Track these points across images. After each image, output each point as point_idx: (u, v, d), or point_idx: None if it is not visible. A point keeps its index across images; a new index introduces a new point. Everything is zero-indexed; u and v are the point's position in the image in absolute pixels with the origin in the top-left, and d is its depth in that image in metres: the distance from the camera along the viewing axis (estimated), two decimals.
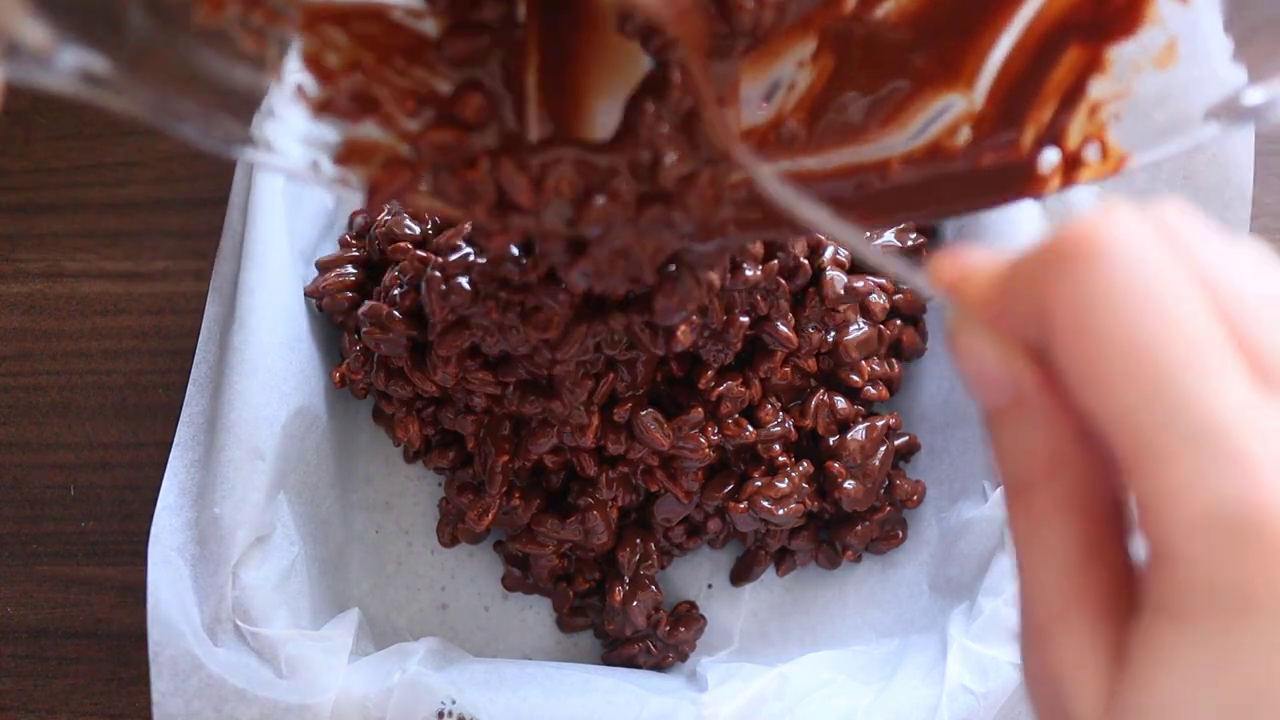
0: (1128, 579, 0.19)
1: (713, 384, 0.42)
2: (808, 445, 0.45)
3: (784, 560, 0.45)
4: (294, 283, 0.43)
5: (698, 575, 0.46)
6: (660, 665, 0.44)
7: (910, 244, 0.46)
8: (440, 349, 0.39)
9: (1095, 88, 0.29)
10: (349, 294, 0.43)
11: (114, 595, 0.45)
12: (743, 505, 0.42)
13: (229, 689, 0.36)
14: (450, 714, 0.37)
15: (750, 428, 0.42)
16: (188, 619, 0.36)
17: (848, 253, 0.45)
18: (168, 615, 0.36)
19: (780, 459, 0.43)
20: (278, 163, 0.27)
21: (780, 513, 0.42)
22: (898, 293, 0.46)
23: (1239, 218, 0.44)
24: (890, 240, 0.46)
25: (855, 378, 0.44)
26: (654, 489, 0.43)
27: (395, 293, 0.41)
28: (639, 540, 0.44)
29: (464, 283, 0.38)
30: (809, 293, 0.43)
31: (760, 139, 0.31)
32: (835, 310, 0.44)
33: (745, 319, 0.41)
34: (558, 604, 0.45)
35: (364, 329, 0.41)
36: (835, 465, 0.43)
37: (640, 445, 0.41)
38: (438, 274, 0.38)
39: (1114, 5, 0.28)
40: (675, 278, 0.34)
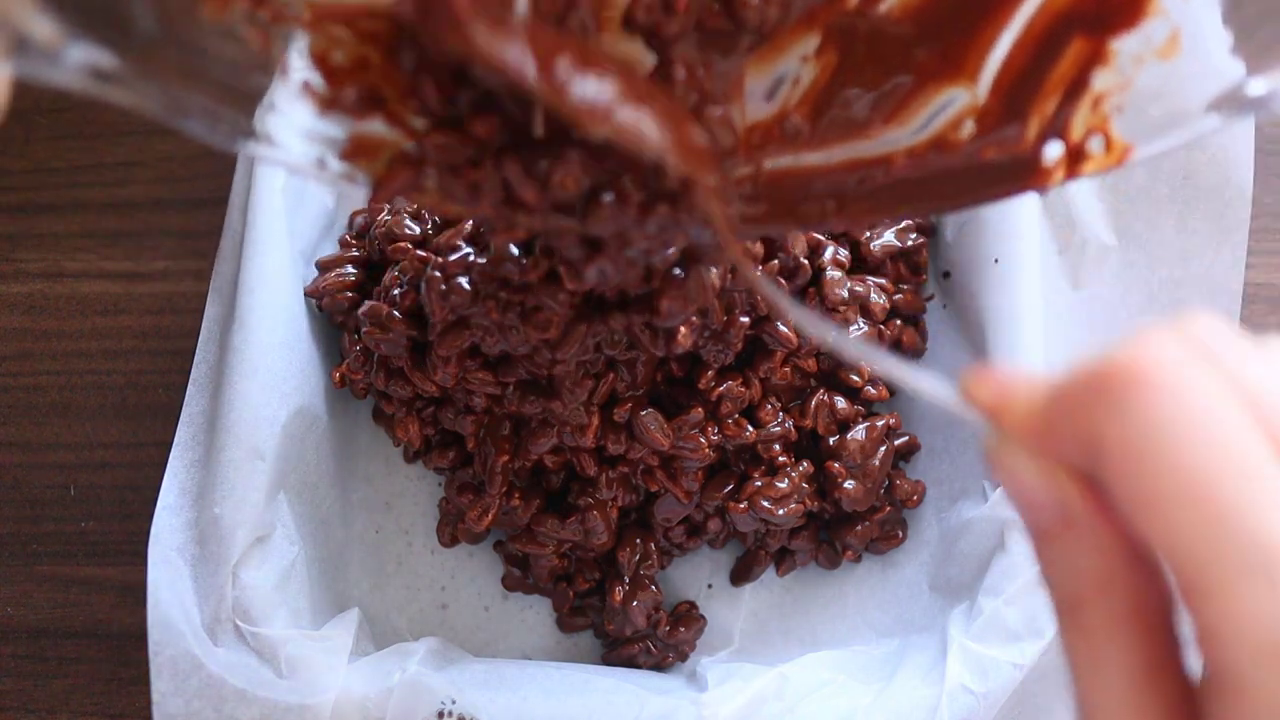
0: (1187, 695, 0.19)
1: (713, 384, 0.42)
2: (808, 445, 0.45)
3: (784, 560, 0.45)
4: (294, 283, 0.42)
5: (698, 575, 0.46)
6: (660, 665, 0.44)
7: (910, 244, 0.46)
8: (440, 349, 0.39)
9: (1098, 80, 0.29)
10: (349, 294, 0.43)
11: (114, 595, 0.45)
12: (743, 505, 0.42)
13: (229, 689, 0.36)
14: (450, 714, 0.37)
15: (750, 428, 0.42)
16: (188, 619, 0.36)
17: (847, 254, 0.45)
18: (168, 615, 0.36)
19: (780, 459, 0.43)
20: (281, 157, 0.27)
21: (780, 513, 0.42)
22: (897, 293, 0.46)
23: (1239, 218, 0.44)
24: (890, 240, 0.46)
25: (855, 378, 0.44)
26: (654, 489, 0.43)
27: (395, 293, 0.41)
28: (639, 540, 0.44)
29: (464, 283, 0.38)
30: (809, 293, 0.43)
31: (765, 134, 0.31)
32: (835, 310, 0.44)
33: (745, 319, 0.41)
34: (558, 604, 0.45)
35: (364, 329, 0.41)
36: (835, 465, 0.43)
37: (640, 445, 0.41)
38: (438, 274, 0.38)
39: None
40: (682, 278, 0.34)
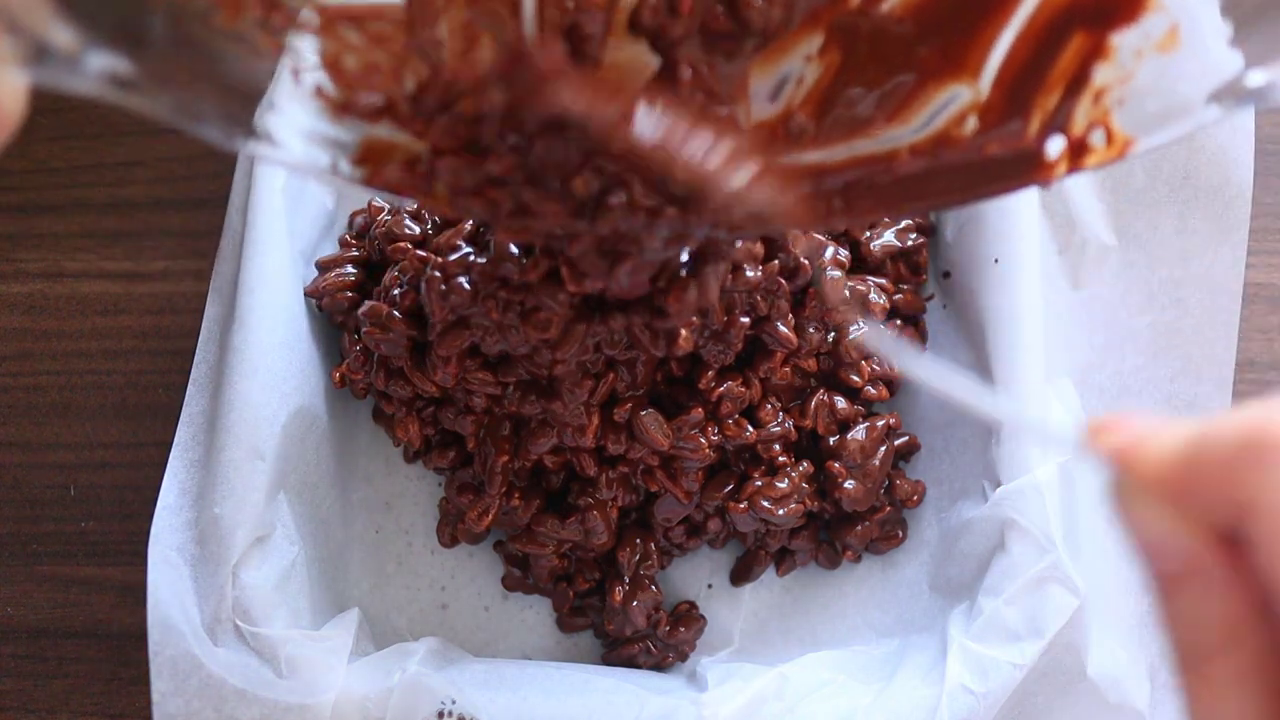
0: None
1: (713, 384, 0.42)
2: (808, 445, 0.45)
3: (784, 560, 0.45)
4: (294, 283, 0.42)
5: (698, 575, 0.46)
6: (660, 665, 0.44)
7: (910, 244, 0.46)
8: (440, 349, 0.39)
9: (1099, 74, 0.29)
10: (349, 294, 0.43)
11: (114, 595, 0.45)
12: (743, 505, 0.42)
13: (229, 689, 0.36)
14: (450, 714, 0.37)
15: (750, 428, 0.42)
16: (188, 619, 0.36)
17: (847, 254, 0.44)
18: (168, 615, 0.36)
19: (780, 459, 0.43)
20: (282, 157, 0.27)
21: (780, 513, 0.42)
22: (897, 293, 0.46)
23: (1239, 218, 0.44)
24: (890, 240, 0.46)
25: (855, 378, 0.44)
26: (654, 489, 0.43)
27: (395, 293, 0.41)
28: (639, 540, 0.44)
29: (464, 283, 0.38)
30: (809, 293, 0.43)
31: (770, 133, 0.31)
32: (835, 310, 0.44)
33: (746, 319, 0.41)
34: (558, 604, 0.45)
35: (364, 329, 0.41)
36: (835, 465, 0.43)
37: (640, 445, 0.41)
38: (438, 274, 0.38)
39: None
40: (691, 278, 0.34)
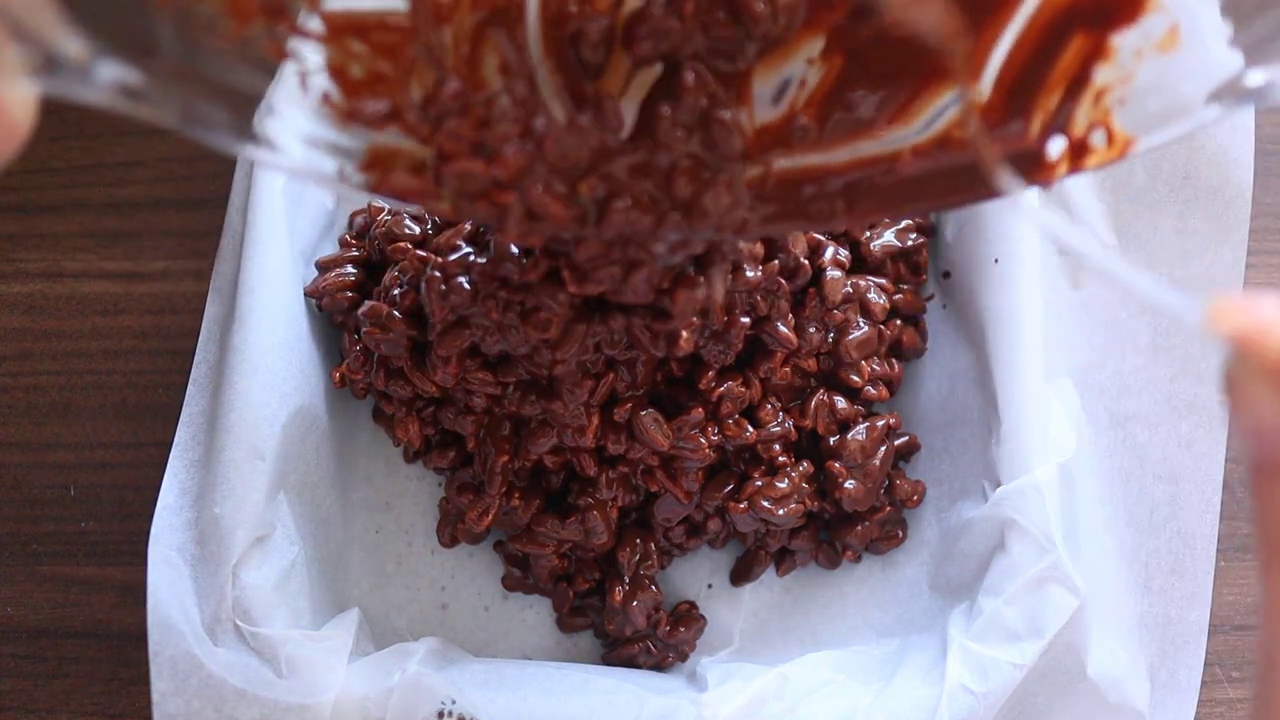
0: None
1: (713, 384, 0.42)
2: (808, 445, 0.45)
3: (784, 560, 0.45)
4: (294, 283, 0.43)
5: (698, 575, 0.46)
6: (660, 665, 0.44)
7: (910, 244, 0.46)
8: (440, 349, 0.39)
9: (1100, 74, 0.29)
10: (349, 294, 0.43)
11: (114, 595, 0.45)
12: (743, 505, 0.42)
13: (229, 689, 0.36)
14: (450, 714, 0.37)
15: (750, 428, 0.42)
16: (188, 619, 0.36)
17: (847, 254, 0.45)
18: (168, 615, 0.36)
19: (780, 459, 0.43)
20: (281, 162, 0.27)
21: (780, 513, 0.42)
22: (897, 293, 0.46)
23: (1239, 218, 0.44)
24: (890, 240, 0.46)
25: (855, 378, 0.44)
26: (654, 489, 0.43)
27: (395, 293, 0.41)
28: (639, 540, 0.44)
29: (464, 283, 0.38)
30: (809, 293, 0.43)
31: (773, 136, 0.31)
32: (836, 310, 0.44)
33: (746, 319, 0.41)
34: (558, 604, 0.45)
35: (364, 329, 0.41)
36: (835, 465, 0.43)
37: (640, 445, 0.41)
38: (438, 274, 0.38)
39: None
40: (698, 276, 0.35)
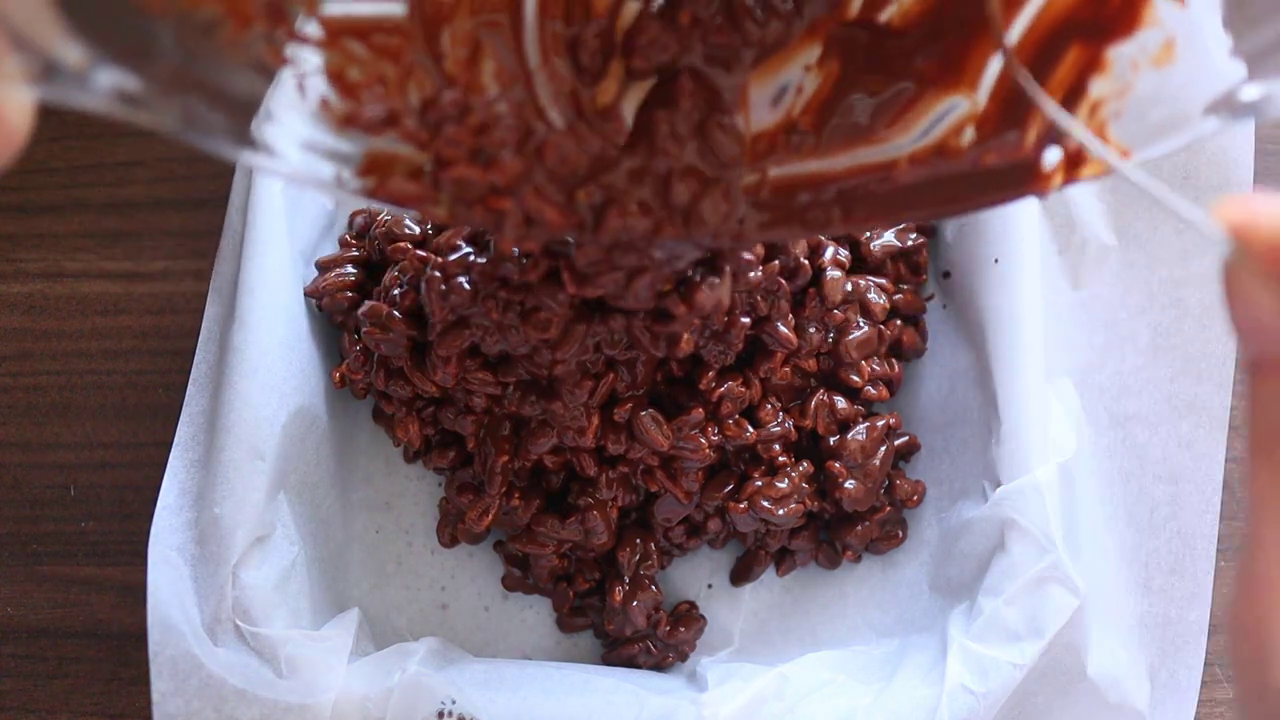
0: None
1: (713, 384, 0.42)
2: (808, 445, 0.45)
3: (784, 560, 0.45)
4: (294, 283, 0.43)
5: (698, 575, 0.46)
6: (660, 665, 0.44)
7: (910, 244, 0.46)
8: (440, 349, 0.39)
9: (1095, 87, 0.29)
10: (349, 294, 0.43)
11: (114, 595, 0.45)
12: (743, 505, 0.42)
13: (229, 689, 0.36)
14: (450, 714, 0.37)
15: (750, 428, 0.42)
16: (188, 619, 0.36)
17: (847, 254, 0.45)
18: (168, 615, 0.36)
19: (780, 459, 0.43)
20: (280, 168, 0.27)
21: (780, 513, 0.42)
22: (897, 293, 0.46)
23: None
24: (890, 240, 0.46)
25: (855, 378, 0.44)
26: (654, 489, 0.43)
27: (395, 293, 0.41)
28: (639, 540, 0.44)
29: (464, 283, 0.38)
30: (809, 293, 0.43)
31: (770, 142, 0.31)
32: (836, 310, 0.44)
33: (746, 320, 0.41)
34: (558, 604, 0.45)
35: (364, 329, 0.41)
36: (835, 465, 0.43)
37: (640, 445, 0.41)
38: (438, 274, 0.38)
39: (1112, 7, 0.29)
40: (704, 280, 0.35)
